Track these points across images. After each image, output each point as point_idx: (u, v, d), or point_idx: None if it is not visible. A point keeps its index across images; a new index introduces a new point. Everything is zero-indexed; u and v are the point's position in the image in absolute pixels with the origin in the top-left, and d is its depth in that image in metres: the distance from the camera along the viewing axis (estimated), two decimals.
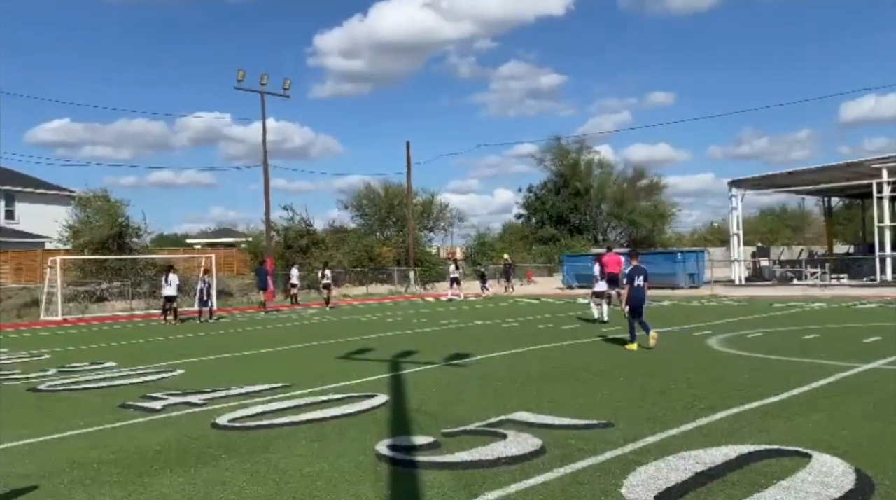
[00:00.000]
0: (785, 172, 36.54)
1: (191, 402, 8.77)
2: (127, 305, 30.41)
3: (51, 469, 5.96)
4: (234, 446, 6.54)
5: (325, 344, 15.27)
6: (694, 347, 12.90)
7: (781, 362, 10.85)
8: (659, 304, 24.86)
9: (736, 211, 36.93)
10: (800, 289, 30.17)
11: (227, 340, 17.21)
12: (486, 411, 7.60)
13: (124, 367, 12.42)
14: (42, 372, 12.12)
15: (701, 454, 5.73)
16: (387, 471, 5.64)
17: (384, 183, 55.14)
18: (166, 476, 5.67)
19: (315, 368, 11.67)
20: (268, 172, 36.03)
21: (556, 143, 65.43)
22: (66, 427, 7.57)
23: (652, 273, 35.07)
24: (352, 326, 19.93)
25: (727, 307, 22.47)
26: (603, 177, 67.41)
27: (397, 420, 7.45)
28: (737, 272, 36.13)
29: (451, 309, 25.88)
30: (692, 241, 71.71)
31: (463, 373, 10.64)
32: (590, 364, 11.13)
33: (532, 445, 6.15)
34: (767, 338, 13.96)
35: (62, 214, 37.92)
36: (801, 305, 22.55)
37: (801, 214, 74.34)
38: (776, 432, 6.45)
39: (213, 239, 69.54)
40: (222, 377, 10.79)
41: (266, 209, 36.15)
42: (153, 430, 7.40)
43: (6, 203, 49.99)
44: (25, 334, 20.83)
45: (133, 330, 21.07)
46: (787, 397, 8.02)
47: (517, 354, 12.68)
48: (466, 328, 18.18)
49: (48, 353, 15.27)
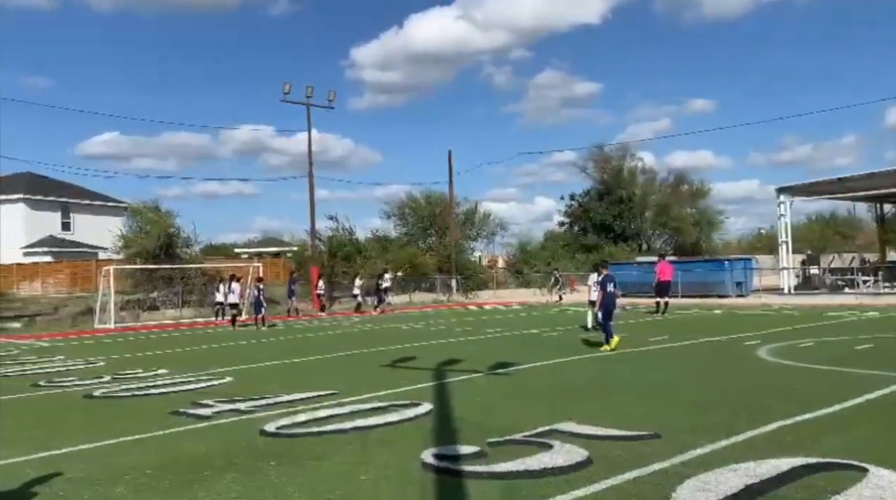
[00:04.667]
0: (834, 179, 35.69)
1: (239, 409, 8.92)
2: (177, 313, 31.05)
3: (105, 475, 6.12)
4: (281, 453, 6.63)
5: (369, 352, 15.38)
6: (743, 357, 12.67)
7: (834, 372, 10.59)
8: (706, 313, 24.48)
9: (784, 218, 36.17)
10: (851, 298, 29.39)
11: (273, 348, 17.45)
12: (532, 420, 7.57)
13: (175, 374, 12.68)
14: (97, 379, 12.44)
15: (751, 466, 5.62)
16: (432, 480, 5.66)
17: (425, 192, 55.37)
18: (216, 483, 5.78)
19: (360, 376, 11.76)
20: (313, 182, 36.50)
21: (599, 150, 64.97)
22: (119, 433, 7.76)
23: (698, 281, 34.40)
24: (395, 334, 20.04)
25: (776, 316, 22.01)
26: (646, 184, 66.63)
27: (442, 429, 7.47)
28: (786, 281, 35.36)
29: (494, 318, 25.83)
30: (739, 248, 70.37)
31: (507, 382, 10.62)
32: (636, 374, 11.02)
33: (578, 456, 6.11)
34: (819, 348, 13.64)
35: (115, 225, 38.98)
36: (853, 314, 21.96)
37: (852, 220, 72.40)
38: (830, 444, 6.30)
39: (259, 248, 70.59)
40: (270, 385, 10.94)
41: (311, 219, 36.61)
42: (203, 437, 7.55)
43: (62, 215, 51.58)
44: (81, 342, 21.41)
45: (183, 338, 21.51)
46: (840, 408, 7.83)
47: (562, 363, 12.61)
48: (510, 337, 18.14)
49: (103, 360, 15.67)
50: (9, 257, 45.13)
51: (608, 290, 14.34)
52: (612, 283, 14.62)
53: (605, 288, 14.35)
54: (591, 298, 18.50)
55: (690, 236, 64.12)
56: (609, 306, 14.31)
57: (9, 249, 46.15)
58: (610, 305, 14.36)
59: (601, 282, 14.62)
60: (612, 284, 14.61)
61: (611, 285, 14.48)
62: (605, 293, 14.30)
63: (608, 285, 14.40)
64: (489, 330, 20.30)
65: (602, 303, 14.31)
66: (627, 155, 65.45)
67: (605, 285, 14.41)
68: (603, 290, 14.38)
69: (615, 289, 14.77)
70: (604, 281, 14.50)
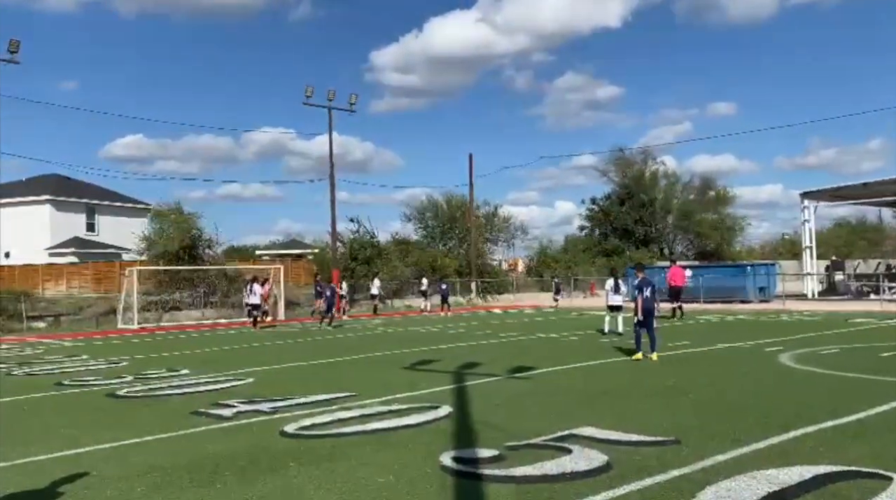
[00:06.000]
0: (860, 184, 35.30)
1: (260, 410, 8.98)
2: (199, 314, 31.32)
3: (127, 473, 6.19)
4: (302, 454, 6.67)
5: (389, 355, 15.42)
6: (765, 363, 12.54)
7: (858, 380, 10.46)
8: (727, 318, 24.26)
9: (808, 223, 35.84)
10: (877, 304, 28.98)
11: (293, 349, 17.54)
12: (551, 424, 7.55)
13: (197, 374, 12.80)
14: (120, 379, 12.59)
15: (773, 473, 5.57)
16: (451, 483, 5.67)
17: (446, 195, 55.44)
18: (237, 483, 5.82)
19: (380, 378, 11.80)
20: (334, 185, 36.65)
21: (621, 154, 64.69)
22: (142, 433, 7.84)
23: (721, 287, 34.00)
24: (415, 337, 20.07)
25: (800, 322, 21.77)
26: (668, 188, 66.22)
27: (462, 432, 7.47)
28: (809, 286, 34.99)
29: (514, 321, 25.78)
30: (763, 254, 69.66)
31: (527, 386, 10.60)
32: (656, 379, 10.94)
33: (598, 461, 6.09)
34: (843, 355, 13.47)
35: (139, 227, 39.40)
36: (879, 321, 21.66)
37: (878, 226, 71.43)
38: (854, 452, 6.22)
39: (281, 250, 70.99)
40: (290, 386, 11.01)
41: (332, 222, 36.73)
42: (224, 437, 7.61)
43: (87, 216, 52.23)
44: (104, 342, 21.66)
45: (205, 338, 21.69)
46: (864, 416, 7.73)
47: (582, 367, 12.56)
48: (529, 341, 18.10)
49: (126, 360, 15.84)
50: (35, 257, 45.78)
51: (645, 294, 13.41)
52: (650, 287, 13.63)
53: (643, 293, 13.42)
54: (610, 302, 18.56)
55: (713, 241, 63.63)
56: (645, 313, 13.39)
57: (35, 250, 46.82)
58: (646, 311, 13.41)
59: (637, 286, 13.62)
60: (650, 288, 13.62)
61: (648, 290, 13.51)
62: (643, 298, 13.37)
63: (645, 290, 13.46)
64: (509, 333, 20.26)
65: (640, 309, 13.36)
66: (649, 159, 65.20)
67: (642, 290, 13.47)
68: (640, 294, 13.44)
69: (652, 295, 13.62)
70: (640, 285, 13.56)
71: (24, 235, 47.31)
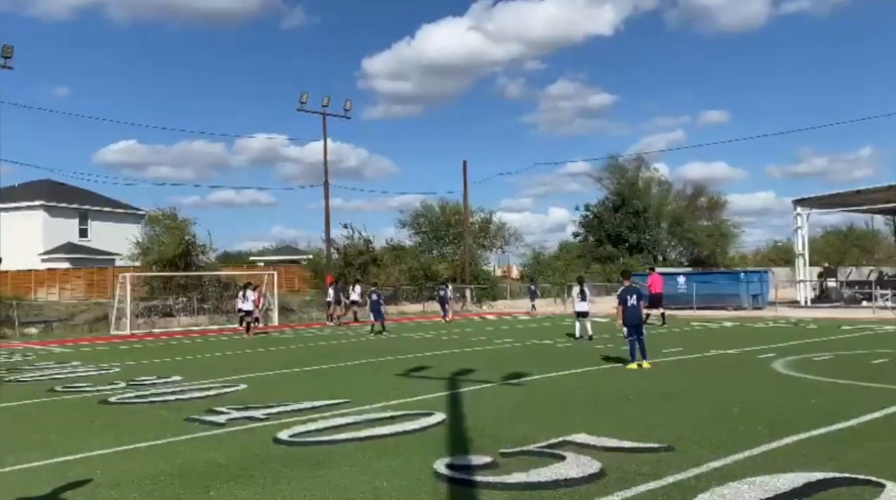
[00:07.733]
0: (852, 191, 35.44)
1: (253, 416, 8.96)
2: (193, 320, 31.21)
3: (120, 481, 6.16)
4: (295, 461, 6.66)
5: (382, 361, 15.39)
6: (758, 370, 12.57)
7: (851, 386, 10.49)
8: (721, 325, 24.31)
9: (801, 230, 35.95)
10: (869, 311, 29.06)
11: (286, 355, 17.50)
12: (545, 431, 7.56)
13: (190, 381, 12.75)
14: (112, 385, 12.53)
15: (766, 480, 5.58)
16: (445, 490, 5.66)
17: (440, 201, 55.47)
18: (230, 490, 5.81)
19: (374, 384, 11.78)
20: (328, 191, 36.67)
21: (614, 161, 64.85)
22: (134, 440, 7.81)
23: (714, 294, 33.87)
24: (408, 343, 20.04)
25: (793, 329, 21.82)
26: (661, 195, 66.41)
27: (455, 439, 7.47)
28: (802, 293, 35.09)
29: (508, 328, 25.78)
30: (756, 261, 69.87)
31: (520, 392, 10.60)
32: (649, 386, 10.95)
33: (592, 467, 6.09)
34: (835, 361, 13.51)
35: (132, 232, 39.30)
36: (871, 328, 21.73)
37: (870, 233, 71.76)
38: (846, 459, 6.24)
39: (275, 256, 70.91)
40: (284, 392, 10.98)
41: (326, 228, 36.77)
42: (217, 444, 7.58)
43: (80, 221, 52.12)
44: (96, 348, 21.56)
45: (198, 345, 21.62)
46: (856, 423, 7.75)
47: (575, 374, 12.57)
48: (523, 347, 18.10)
49: (118, 366, 15.77)
50: (28, 263, 45.61)
51: (628, 303, 13.07)
52: (635, 295, 13.21)
53: (626, 302, 13.06)
54: (576, 309, 19.68)
55: (706, 248, 63.84)
56: (631, 321, 13.02)
57: (28, 255, 46.66)
58: (632, 319, 13.04)
59: (620, 295, 13.24)
60: (635, 296, 13.21)
61: (633, 298, 13.11)
62: (627, 307, 13.03)
63: (628, 298, 13.07)
64: (502, 340, 20.26)
65: (622, 317, 13.09)
66: (642, 166, 65.38)
67: (624, 299, 13.07)
68: (622, 303, 13.10)
69: (638, 302, 13.25)
70: (623, 294, 13.16)
71: (17, 240, 47.13)
